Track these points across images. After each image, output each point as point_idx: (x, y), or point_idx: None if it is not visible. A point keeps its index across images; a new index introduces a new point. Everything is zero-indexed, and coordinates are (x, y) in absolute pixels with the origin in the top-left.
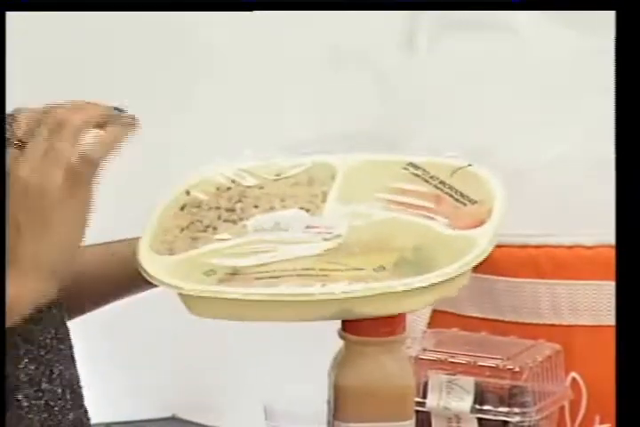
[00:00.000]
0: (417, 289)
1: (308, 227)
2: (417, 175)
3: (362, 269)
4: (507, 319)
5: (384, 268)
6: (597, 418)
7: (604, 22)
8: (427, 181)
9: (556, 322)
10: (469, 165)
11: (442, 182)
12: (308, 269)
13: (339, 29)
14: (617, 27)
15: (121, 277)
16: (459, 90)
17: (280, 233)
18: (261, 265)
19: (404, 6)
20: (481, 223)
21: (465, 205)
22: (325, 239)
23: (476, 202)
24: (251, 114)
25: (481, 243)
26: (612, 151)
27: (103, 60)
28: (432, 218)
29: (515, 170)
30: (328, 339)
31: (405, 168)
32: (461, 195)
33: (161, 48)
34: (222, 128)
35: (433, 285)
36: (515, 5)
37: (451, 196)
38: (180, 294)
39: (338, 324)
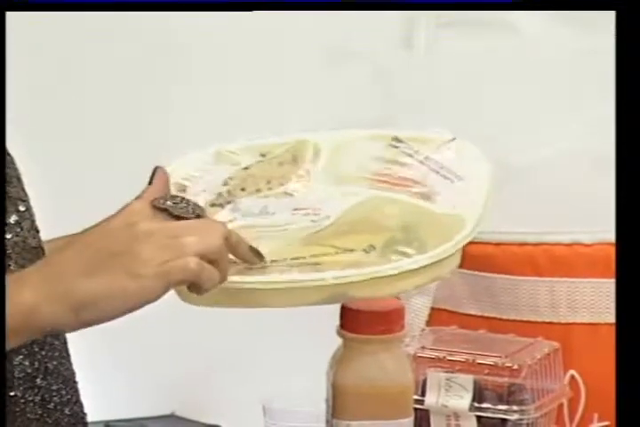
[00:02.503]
0: (408, 271)
1: (295, 209)
2: (402, 151)
3: (352, 250)
4: (505, 317)
5: (374, 247)
6: (596, 416)
7: (604, 22)
8: (411, 157)
9: (555, 320)
10: (454, 139)
11: (427, 158)
12: (298, 256)
13: (338, 29)
14: (617, 27)
15: None
16: (458, 88)
17: (268, 217)
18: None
19: (404, 6)
20: (468, 201)
21: (452, 181)
22: (313, 221)
23: (462, 178)
24: (250, 113)
25: (470, 222)
26: (611, 149)
27: (102, 60)
28: (419, 195)
29: (514, 168)
30: (326, 337)
31: (390, 144)
32: (448, 171)
33: (162, 47)
34: (222, 127)
35: (424, 266)
36: (515, 5)
37: (437, 172)
38: None
39: (336, 322)
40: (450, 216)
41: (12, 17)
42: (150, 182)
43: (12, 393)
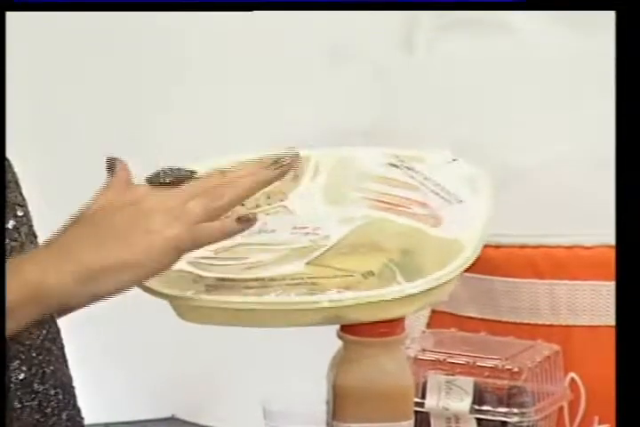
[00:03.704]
0: (406, 296)
1: (295, 228)
2: (403, 171)
3: (350, 275)
4: (505, 320)
5: (373, 273)
6: (596, 418)
7: (604, 22)
8: (412, 177)
9: (555, 322)
10: (454, 160)
11: (427, 178)
12: (296, 277)
13: (338, 29)
14: (617, 27)
15: None
16: (458, 89)
17: (267, 234)
18: (249, 272)
19: (404, 6)
20: (468, 225)
21: (451, 203)
22: (312, 240)
23: (461, 201)
24: (250, 113)
25: (468, 246)
26: (611, 151)
27: (102, 60)
28: (419, 217)
29: (514, 170)
30: (327, 339)
31: (391, 163)
32: (447, 193)
33: (161, 48)
34: (222, 127)
35: (422, 291)
36: (515, 5)
37: (436, 193)
38: (171, 302)
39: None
40: (449, 241)
41: (11, 17)
42: (111, 173)
43: (8, 398)
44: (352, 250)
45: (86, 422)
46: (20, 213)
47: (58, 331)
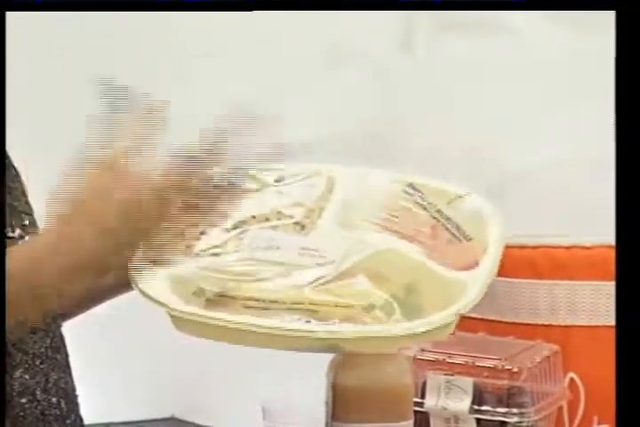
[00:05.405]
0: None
1: (303, 249)
2: (415, 201)
3: (352, 306)
4: (505, 320)
5: (374, 307)
6: (595, 418)
7: (604, 22)
8: (425, 209)
9: (554, 322)
10: (467, 194)
11: (439, 211)
12: (297, 302)
13: (338, 29)
14: (617, 27)
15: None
16: (458, 90)
17: (274, 252)
18: (251, 289)
19: (404, 6)
20: (474, 264)
21: (460, 241)
22: (319, 264)
23: (471, 239)
24: (249, 113)
25: (472, 288)
26: (611, 152)
27: (101, 60)
28: (427, 251)
29: (513, 170)
30: None
31: (405, 191)
32: (457, 228)
33: (161, 48)
34: None
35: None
36: (515, 5)
37: (447, 229)
38: (169, 313)
39: None
40: (454, 282)
41: (11, 17)
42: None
43: (11, 405)
44: (357, 280)
45: (86, 422)
46: (26, 222)
47: (62, 340)
